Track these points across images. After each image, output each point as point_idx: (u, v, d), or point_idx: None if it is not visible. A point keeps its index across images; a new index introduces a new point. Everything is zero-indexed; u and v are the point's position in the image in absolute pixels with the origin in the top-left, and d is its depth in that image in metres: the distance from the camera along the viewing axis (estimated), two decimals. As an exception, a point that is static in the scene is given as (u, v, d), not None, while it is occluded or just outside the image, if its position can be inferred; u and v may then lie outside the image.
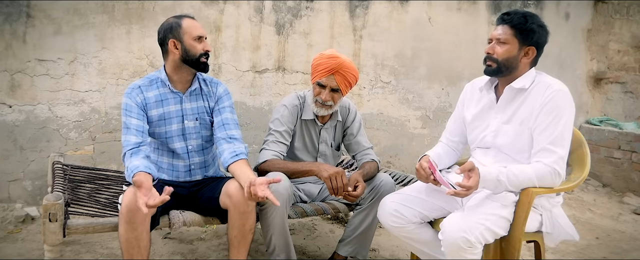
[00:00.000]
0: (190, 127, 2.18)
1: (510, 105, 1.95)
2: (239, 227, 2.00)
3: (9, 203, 3.00)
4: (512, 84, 1.92)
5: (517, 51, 1.89)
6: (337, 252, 2.44)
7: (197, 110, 2.20)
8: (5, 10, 2.87)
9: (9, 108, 2.95)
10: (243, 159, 2.08)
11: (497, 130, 1.98)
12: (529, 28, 1.86)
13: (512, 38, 1.88)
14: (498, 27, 1.92)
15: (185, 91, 2.17)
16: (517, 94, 1.94)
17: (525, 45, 1.89)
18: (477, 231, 1.72)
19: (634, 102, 4.91)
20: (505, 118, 1.96)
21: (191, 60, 2.09)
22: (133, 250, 1.87)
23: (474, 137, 2.09)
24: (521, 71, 1.93)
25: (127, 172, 1.92)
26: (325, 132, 2.46)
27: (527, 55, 1.90)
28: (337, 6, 3.75)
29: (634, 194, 4.23)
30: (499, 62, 1.91)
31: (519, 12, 1.90)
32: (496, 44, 1.92)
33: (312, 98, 2.34)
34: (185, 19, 2.09)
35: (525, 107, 1.91)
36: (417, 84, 4.13)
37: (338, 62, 2.24)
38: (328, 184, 2.11)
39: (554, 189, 1.86)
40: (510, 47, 1.89)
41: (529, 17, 1.87)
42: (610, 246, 3.11)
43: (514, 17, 1.88)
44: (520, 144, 1.92)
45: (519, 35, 1.87)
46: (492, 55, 1.92)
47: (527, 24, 1.86)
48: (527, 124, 1.90)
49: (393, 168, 3.92)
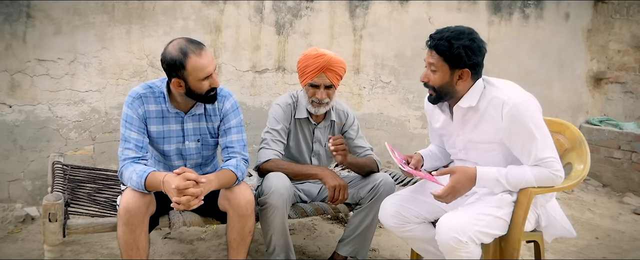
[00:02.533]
0: (191, 148, 2.10)
1: (466, 123, 1.90)
2: (238, 230, 1.99)
3: (9, 203, 3.00)
4: (459, 103, 1.86)
5: (449, 77, 1.80)
6: (337, 252, 2.44)
7: (199, 131, 2.09)
8: (5, 10, 2.87)
9: (9, 108, 2.95)
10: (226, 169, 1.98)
11: (465, 148, 1.95)
12: (456, 53, 1.74)
13: (441, 64, 1.79)
14: (428, 52, 1.83)
15: (187, 111, 2.05)
16: (469, 111, 1.87)
17: (457, 69, 1.78)
18: (470, 231, 1.72)
19: (634, 102, 4.91)
20: (468, 137, 1.91)
21: (197, 96, 1.95)
22: (132, 251, 1.86)
23: (449, 149, 2.08)
24: (462, 91, 1.84)
25: (134, 176, 1.84)
26: (319, 132, 2.46)
27: (462, 78, 1.80)
28: (337, 6, 3.75)
29: (634, 194, 4.23)
30: (436, 90, 1.85)
31: (445, 34, 1.76)
32: (429, 71, 1.84)
33: (308, 100, 2.32)
34: (191, 57, 1.84)
35: (485, 126, 1.84)
36: (417, 84, 4.13)
37: (326, 60, 2.23)
38: (331, 192, 2.16)
39: (554, 188, 1.86)
40: (441, 74, 1.80)
41: (454, 40, 1.74)
42: (610, 246, 3.11)
43: (438, 42, 1.76)
44: (493, 159, 1.88)
45: (447, 61, 1.77)
46: (428, 83, 1.86)
47: (453, 48, 1.74)
48: (495, 141, 1.84)
49: (393, 168, 3.91)
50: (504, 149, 1.84)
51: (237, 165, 2.01)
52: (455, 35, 1.76)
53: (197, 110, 2.05)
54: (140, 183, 1.83)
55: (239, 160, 2.04)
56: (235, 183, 1.99)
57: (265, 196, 2.09)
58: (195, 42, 1.89)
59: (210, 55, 1.90)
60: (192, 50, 1.85)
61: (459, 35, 1.76)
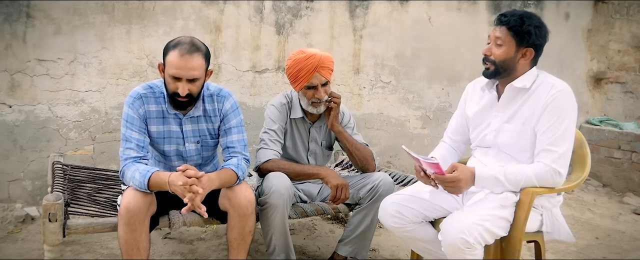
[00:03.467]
0: (191, 150, 2.10)
1: (511, 104, 1.95)
2: (239, 230, 1.99)
3: (9, 203, 3.00)
4: (513, 82, 1.92)
5: (514, 53, 1.88)
6: (337, 252, 2.44)
7: (198, 133, 2.09)
8: (5, 10, 2.87)
9: (9, 108, 2.95)
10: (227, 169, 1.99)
11: (498, 129, 1.98)
12: (526, 30, 1.84)
13: (509, 40, 1.87)
14: (495, 28, 1.91)
15: (185, 114, 2.04)
16: (519, 93, 1.93)
17: (523, 46, 1.87)
18: (476, 232, 1.72)
19: (634, 102, 4.90)
20: (507, 117, 1.96)
21: (167, 93, 1.95)
22: (132, 251, 1.86)
23: (476, 135, 2.09)
24: (521, 71, 1.92)
25: (137, 175, 1.84)
26: (315, 131, 2.46)
27: (525, 57, 1.89)
28: (337, 6, 3.75)
29: (634, 194, 4.23)
30: (496, 64, 1.91)
31: (517, 13, 1.88)
32: (493, 46, 1.91)
33: (307, 102, 2.31)
34: (173, 51, 1.86)
35: (527, 107, 1.90)
36: (417, 84, 4.13)
37: (318, 59, 2.22)
38: (333, 192, 2.18)
39: (555, 189, 1.86)
40: (507, 49, 1.88)
41: (526, 19, 1.85)
42: (610, 246, 3.11)
43: (511, 18, 1.86)
44: (521, 143, 1.92)
45: (516, 37, 1.86)
46: (489, 57, 1.92)
47: (524, 25, 1.84)
48: (529, 123, 1.89)
49: (393, 168, 3.91)
50: (533, 135, 1.89)
51: (238, 164, 2.01)
52: (528, 15, 1.87)
53: (196, 112, 2.05)
54: (144, 183, 1.83)
55: (240, 159, 2.05)
56: (236, 182, 2.00)
57: (266, 196, 2.09)
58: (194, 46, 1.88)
59: (193, 64, 1.86)
60: (181, 47, 1.86)
61: (531, 16, 1.88)
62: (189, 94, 1.90)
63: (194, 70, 1.87)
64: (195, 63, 1.87)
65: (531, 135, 1.90)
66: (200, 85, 1.95)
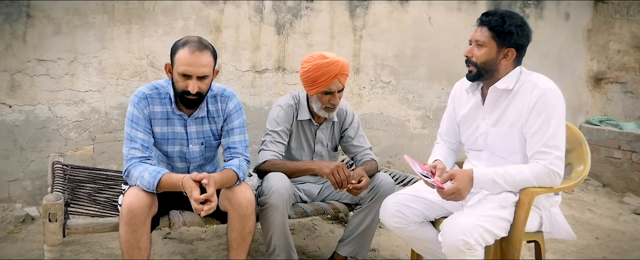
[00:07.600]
0: (195, 151, 2.10)
1: (496, 106, 1.94)
2: (239, 230, 1.99)
3: (9, 203, 3.00)
4: (495, 84, 1.90)
5: (495, 54, 1.86)
6: (337, 252, 2.44)
7: (203, 134, 2.10)
8: (5, 10, 2.87)
9: (9, 108, 2.95)
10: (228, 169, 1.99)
11: (486, 133, 1.97)
12: (507, 30, 1.81)
13: (489, 40, 1.85)
14: (477, 29, 1.89)
15: (190, 115, 2.05)
16: (502, 95, 1.91)
17: (504, 47, 1.85)
18: (477, 233, 1.72)
19: (634, 102, 4.91)
20: (493, 120, 1.94)
21: (175, 91, 1.96)
22: (133, 251, 1.85)
23: (466, 138, 2.09)
24: (503, 72, 1.90)
25: (146, 175, 1.84)
26: (321, 133, 2.45)
27: (506, 57, 1.86)
28: (337, 6, 3.75)
29: (634, 194, 4.23)
30: (478, 66, 1.88)
31: (498, 12, 1.85)
32: (475, 47, 1.89)
33: (320, 106, 2.31)
34: (183, 49, 1.88)
35: (512, 109, 1.89)
36: (417, 84, 4.13)
37: (340, 66, 2.22)
38: (331, 179, 2.12)
39: (554, 188, 1.86)
40: (488, 50, 1.85)
41: (507, 18, 1.82)
42: (610, 246, 3.11)
43: (492, 18, 1.83)
44: (511, 146, 1.91)
45: (497, 37, 1.84)
46: (470, 59, 1.90)
47: (505, 25, 1.81)
48: (516, 125, 1.87)
49: (393, 168, 3.91)
50: (522, 136, 1.87)
51: (240, 165, 2.02)
52: (509, 15, 1.84)
53: (200, 113, 2.05)
54: (153, 183, 1.83)
55: (242, 160, 2.05)
56: (236, 183, 2.00)
57: (266, 196, 2.09)
58: (203, 44, 1.91)
59: (203, 60, 1.88)
60: (191, 45, 1.88)
61: (513, 15, 1.85)
62: (198, 92, 1.91)
63: (204, 67, 1.89)
64: (205, 60, 1.89)
65: (520, 138, 1.88)
66: (209, 83, 1.97)
